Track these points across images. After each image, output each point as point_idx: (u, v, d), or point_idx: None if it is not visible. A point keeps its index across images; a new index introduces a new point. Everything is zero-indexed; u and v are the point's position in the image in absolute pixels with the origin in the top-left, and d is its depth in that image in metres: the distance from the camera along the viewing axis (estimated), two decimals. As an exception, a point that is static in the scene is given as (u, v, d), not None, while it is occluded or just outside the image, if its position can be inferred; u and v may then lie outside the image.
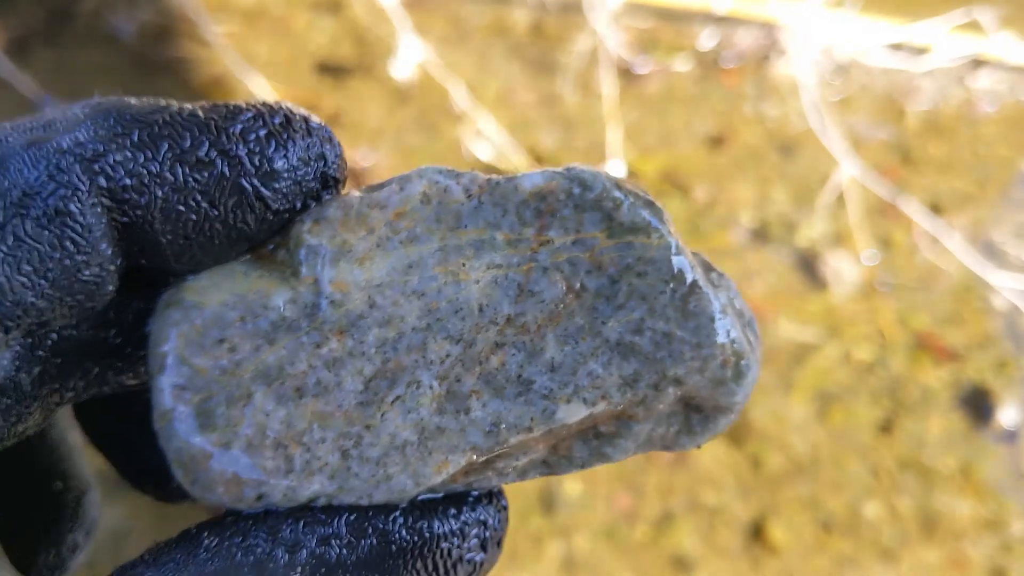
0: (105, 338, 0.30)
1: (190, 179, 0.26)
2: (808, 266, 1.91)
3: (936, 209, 2.07)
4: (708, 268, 0.33)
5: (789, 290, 1.82)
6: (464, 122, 2.04)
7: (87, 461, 0.38)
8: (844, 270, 1.91)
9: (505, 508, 0.31)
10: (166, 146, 0.26)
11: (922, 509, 1.68)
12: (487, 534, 0.29)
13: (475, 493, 0.30)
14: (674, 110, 2.21)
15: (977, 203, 2.12)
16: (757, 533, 1.62)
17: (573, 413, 0.30)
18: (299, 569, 0.26)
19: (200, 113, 0.27)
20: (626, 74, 2.26)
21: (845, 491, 1.69)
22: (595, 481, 1.66)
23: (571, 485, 1.64)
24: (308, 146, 0.28)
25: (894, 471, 1.72)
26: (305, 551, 0.26)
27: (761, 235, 1.93)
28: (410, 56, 2.15)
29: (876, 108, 2.28)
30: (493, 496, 0.31)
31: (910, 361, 1.85)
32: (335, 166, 0.29)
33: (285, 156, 0.27)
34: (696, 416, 0.32)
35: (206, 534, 0.26)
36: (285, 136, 0.28)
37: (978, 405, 1.77)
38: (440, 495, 0.30)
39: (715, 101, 2.25)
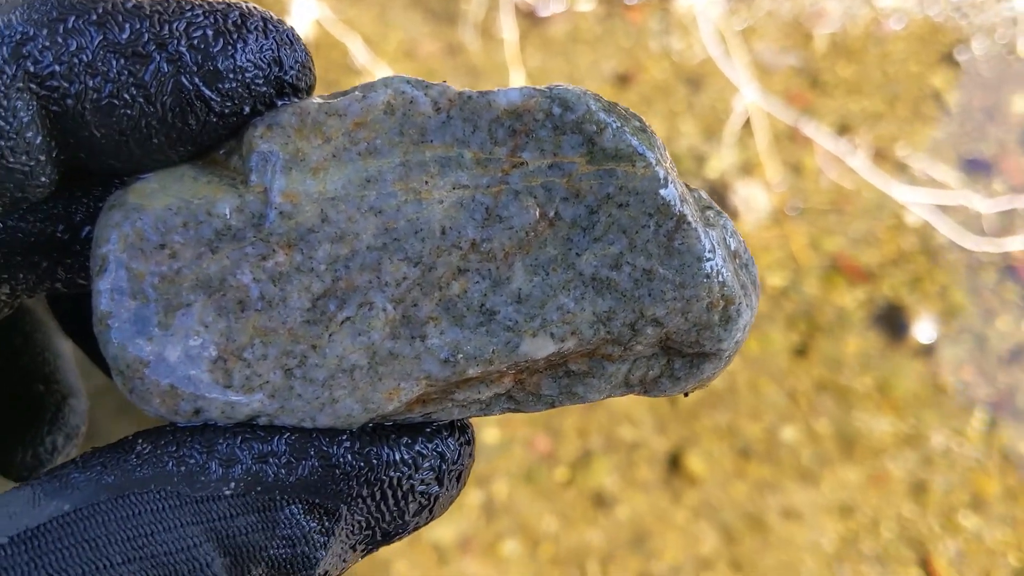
0: (52, 232, 0.28)
1: (124, 72, 0.25)
2: (719, 197, 1.89)
3: (846, 130, 2.07)
4: (705, 206, 0.31)
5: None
6: (365, 78, 2.03)
7: (81, 373, 0.38)
8: (754, 198, 1.91)
9: (469, 442, 0.30)
10: (100, 35, 0.25)
11: (840, 430, 1.68)
12: (443, 466, 0.28)
13: (435, 424, 0.29)
14: (579, 51, 2.21)
15: (888, 121, 2.11)
16: (676, 465, 1.61)
17: (539, 348, 0.28)
18: (232, 484, 0.25)
19: (146, 5, 0.25)
20: (530, 17, 2.26)
21: (763, 417, 1.68)
22: (512, 426, 1.63)
23: (489, 431, 1.62)
24: (261, 48, 0.27)
25: (811, 394, 1.71)
26: (240, 467, 0.25)
27: (671, 170, 1.91)
28: (305, 13, 2.13)
29: (783, 34, 2.29)
30: (455, 427, 0.30)
31: (824, 284, 1.83)
32: (293, 72, 0.27)
33: (232, 57, 0.26)
34: (679, 360, 0.31)
35: (140, 441, 0.26)
36: (235, 36, 0.26)
37: (893, 322, 1.77)
38: (393, 424, 0.29)
39: (620, 39, 2.25)
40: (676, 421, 1.67)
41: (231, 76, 0.26)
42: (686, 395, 0.32)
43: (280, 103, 0.28)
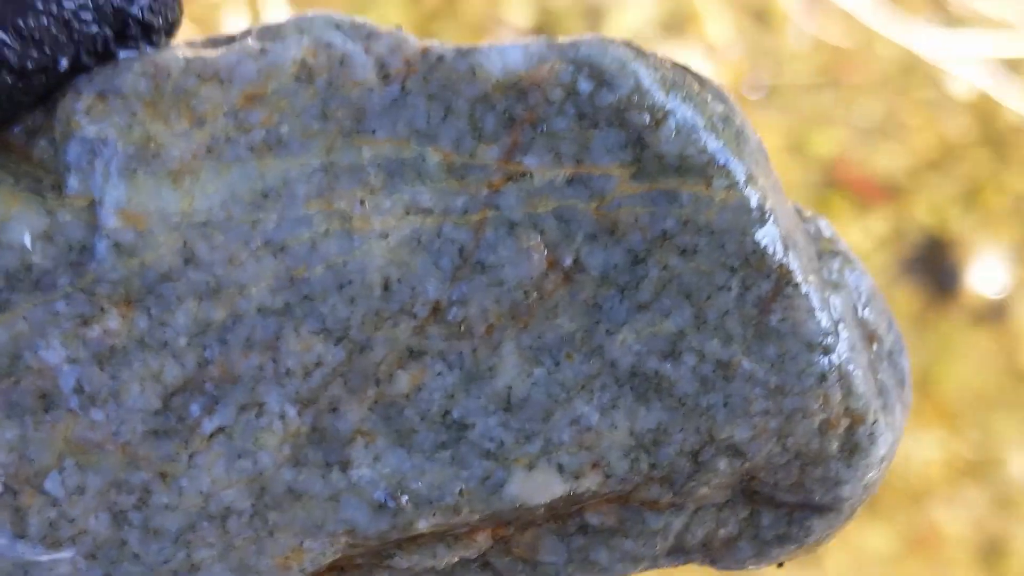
0: None
1: None
2: None
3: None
4: (827, 249, 0.23)
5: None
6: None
7: None
8: None
9: None
10: None
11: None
12: None
13: None
14: None
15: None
16: None
17: (539, 489, 0.21)
18: None
19: None
20: None
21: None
22: None
23: None
24: None
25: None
26: None
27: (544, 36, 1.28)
28: None
29: None
30: None
31: (818, 209, 1.19)
32: (146, 1, 0.20)
33: None
34: (769, 514, 0.23)
35: None
36: None
37: (936, 267, 1.30)
38: None
39: None
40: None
41: (39, 5, 0.19)
42: (780, 565, 0.24)
43: (122, 54, 0.20)
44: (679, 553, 0.23)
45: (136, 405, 0.19)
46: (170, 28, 0.21)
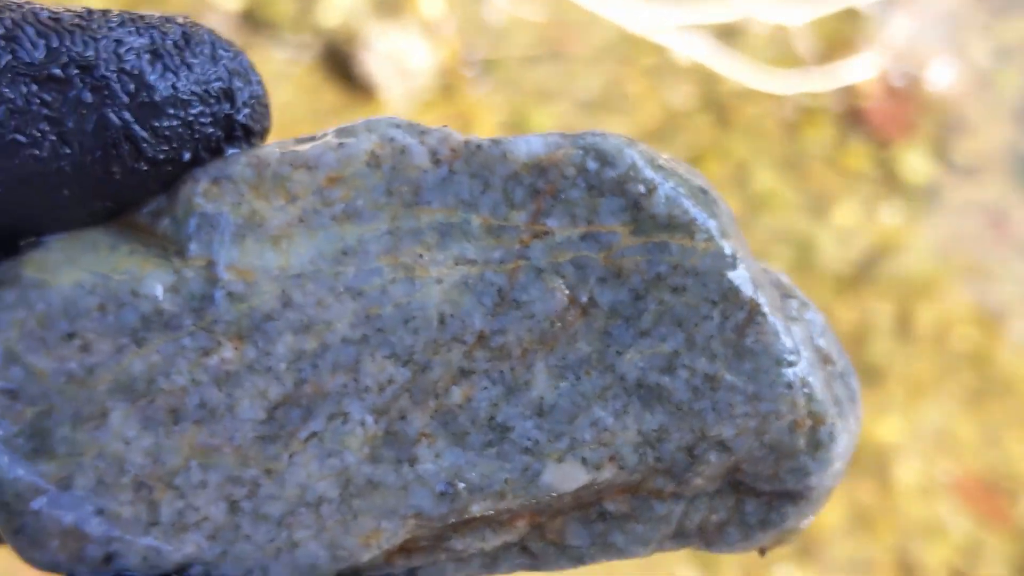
0: None
1: (35, 100, 0.22)
2: (340, 63, 1.25)
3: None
4: (785, 292, 0.28)
5: (315, 106, 1.23)
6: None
7: None
8: (406, 55, 1.25)
9: None
10: (8, 54, 0.22)
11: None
12: None
13: None
14: None
15: None
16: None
17: (567, 478, 0.25)
18: None
19: (65, 19, 0.23)
20: None
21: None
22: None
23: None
24: (208, 76, 0.24)
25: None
26: None
27: (253, 22, 1.26)
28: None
29: None
30: None
31: None
32: (247, 111, 0.25)
33: (173, 85, 0.23)
34: (752, 502, 0.27)
35: None
36: (177, 60, 0.23)
37: None
38: None
39: None
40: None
41: (170, 111, 0.23)
42: (762, 554, 0.28)
43: (229, 151, 0.25)
44: (680, 537, 0.26)
45: (247, 416, 0.23)
46: (263, 132, 0.25)
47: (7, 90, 0.21)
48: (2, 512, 0.22)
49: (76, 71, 0.22)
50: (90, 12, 0.23)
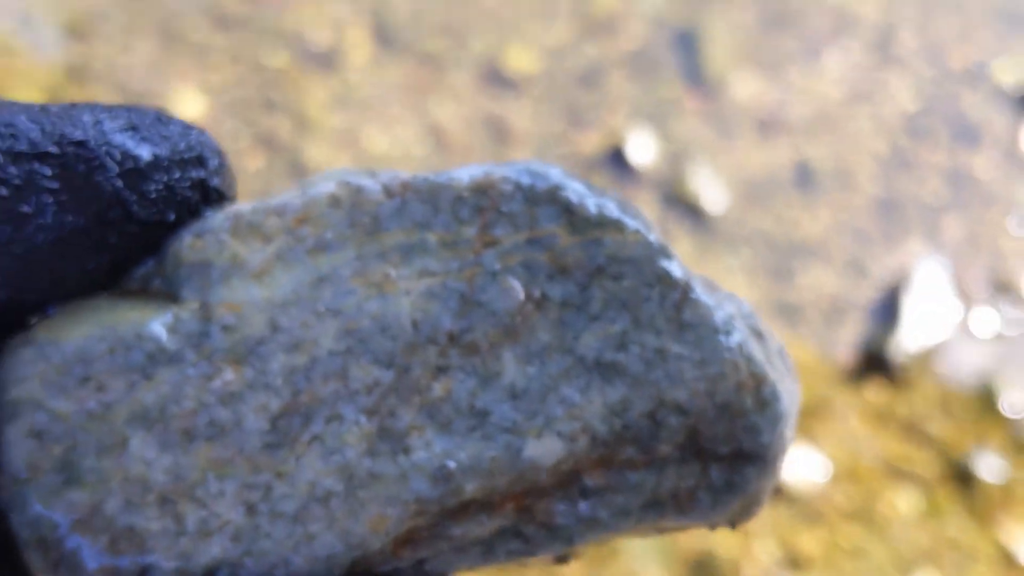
0: None
1: (36, 175, 0.24)
2: None
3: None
4: (711, 286, 0.30)
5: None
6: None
7: None
8: None
9: None
10: (8, 139, 0.24)
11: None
12: None
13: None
14: None
15: None
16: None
17: (546, 450, 0.26)
18: None
19: (51, 107, 0.25)
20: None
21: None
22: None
23: None
24: (182, 146, 0.26)
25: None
26: None
27: None
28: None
29: None
30: None
31: None
32: (217, 177, 0.27)
33: (154, 154, 0.25)
34: (716, 466, 0.28)
35: None
36: (154, 133, 0.26)
37: None
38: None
39: None
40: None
41: (154, 176, 0.25)
42: (733, 527, 0.29)
43: (206, 212, 0.27)
44: (657, 506, 0.28)
45: (253, 428, 0.25)
46: (233, 196, 0.27)
47: (13, 169, 0.23)
48: (39, 550, 0.23)
49: (69, 147, 0.24)
50: (72, 104, 0.25)
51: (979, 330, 1.57)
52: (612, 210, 0.27)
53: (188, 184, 0.26)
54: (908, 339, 1.54)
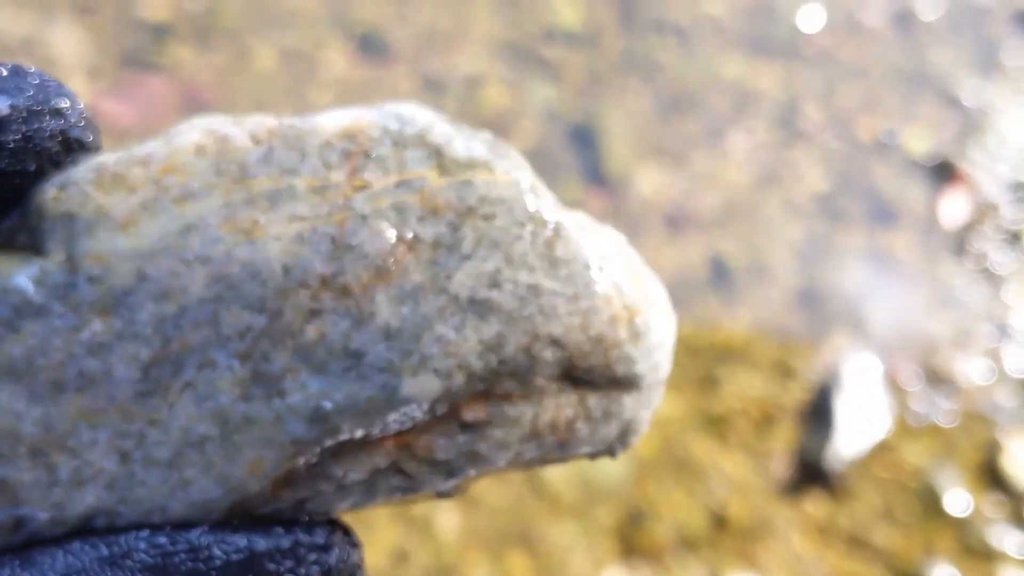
0: None
1: None
2: None
3: None
4: (585, 225, 0.30)
5: None
6: None
7: None
8: None
9: (356, 545, 0.26)
10: None
11: None
12: (332, 565, 0.24)
13: (313, 519, 0.26)
14: None
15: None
16: None
17: (424, 389, 0.27)
18: None
19: None
20: None
21: None
22: None
23: None
24: (40, 98, 0.26)
25: None
26: None
27: None
28: None
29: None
30: (338, 527, 0.26)
31: None
32: (78, 126, 0.27)
33: (10, 105, 0.25)
34: (593, 396, 0.29)
35: None
36: (11, 84, 0.25)
37: None
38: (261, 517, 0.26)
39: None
40: None
41: (12, 127, 0.25)
42: (613, 456, 0.30)
43: (69, 162, 0.26)
44: (537, 438, 0.28)
45: (123, 378, 0.25)
46: (98, 147, 0.27)
47: None
48: None
49: None
50: None
51: (915, 425, 1.49)
52: (481, 151, 0.28)
53: (48, 135, 0.26)
54: (843, 444, 1.45)
